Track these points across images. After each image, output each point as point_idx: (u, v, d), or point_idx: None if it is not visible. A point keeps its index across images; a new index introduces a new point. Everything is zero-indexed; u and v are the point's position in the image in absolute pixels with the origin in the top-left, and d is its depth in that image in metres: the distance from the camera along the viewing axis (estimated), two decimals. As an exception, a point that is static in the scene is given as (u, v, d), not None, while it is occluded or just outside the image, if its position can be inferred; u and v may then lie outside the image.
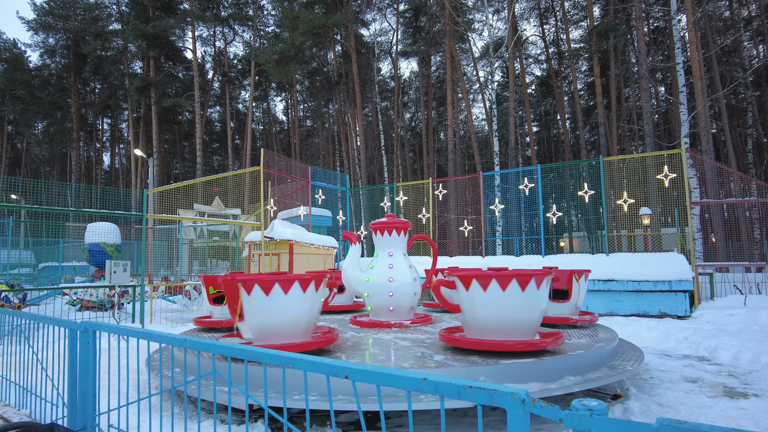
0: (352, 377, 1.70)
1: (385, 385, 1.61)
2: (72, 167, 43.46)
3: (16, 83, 40.94)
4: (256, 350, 2.02)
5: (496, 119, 20.44)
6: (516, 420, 1.35)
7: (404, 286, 6.22)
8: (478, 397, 1.42)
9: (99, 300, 11.06)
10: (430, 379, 1.50)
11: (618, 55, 26.42)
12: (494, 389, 1.38)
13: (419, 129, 41.85)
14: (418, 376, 1.53)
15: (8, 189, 17.30)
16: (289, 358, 1.89)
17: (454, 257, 13.66)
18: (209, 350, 2.24)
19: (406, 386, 1.56)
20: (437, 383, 1.49)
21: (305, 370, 1.84)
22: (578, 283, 5.75)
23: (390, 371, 1.60)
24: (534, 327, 4.42)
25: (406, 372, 1.57)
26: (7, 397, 4.00)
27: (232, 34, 40.77)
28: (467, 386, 1.43)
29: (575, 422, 1.22)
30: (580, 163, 14.93)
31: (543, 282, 4.28)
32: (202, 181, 14.18)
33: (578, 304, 5.77)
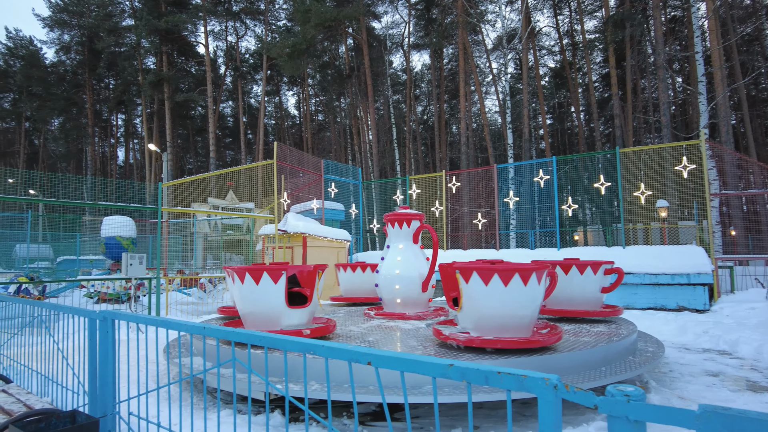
0: (375, 363, 1.67)
1: (409, 371, 1.58)
2: (87, 162, 44.04)
3: (33, 80, 41.49)
4: (277, 337, 2.00)
5: (510, 111, 20.22)
6: (547, 406, 1.31)
7: (410, 279, 6.21)
8: (507, 383, 1.38)
9: (115, 292, 11.20)
10: (456, 365, 1.46)
11: (634, 46, 25.94)
12: (524, 374, 1.35)
13: (431, 122, 41.62)
14: (443, 362, 1.49)
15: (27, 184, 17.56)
16: (310, 344, 1.86)
17: (468, 250, 13.58)
18: (228, 338, 2.23)
19: (432, 372, 1.52)
20: (464, 369, 1.45)
21: (326, 357, 1.82)
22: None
23: (415, 357, 1.57)
24: (527, 323, 4.30)
25: (432, 358, 1.53)
26: (29, 385, 4.06)
27: (243, 28, 40.85)
28: (495, 372, 1.40)
29: (611, 408, 1.18)
30: (596, 155, 14.71)
31: (533, 277, 4.13)
32: (216, 174, 14.25)
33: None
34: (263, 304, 4.75)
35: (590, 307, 5.66)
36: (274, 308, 4.74)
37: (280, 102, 47.19)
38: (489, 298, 4.20)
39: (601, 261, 5.65)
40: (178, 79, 38.05)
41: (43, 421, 2.55)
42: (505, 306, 4.18)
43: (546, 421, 1.32)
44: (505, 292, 4.11)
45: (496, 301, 4.18)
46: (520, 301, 4.14)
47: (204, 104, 37.47)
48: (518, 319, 4.22)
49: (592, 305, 5.68)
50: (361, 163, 33.40)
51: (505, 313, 4.21)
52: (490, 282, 4.15)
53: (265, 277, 4.69)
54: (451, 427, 4.08)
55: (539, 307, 4.34)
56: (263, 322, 4.84)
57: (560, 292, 5.69)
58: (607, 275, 5.66)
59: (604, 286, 5.65)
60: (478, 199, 17.07)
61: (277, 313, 4.79)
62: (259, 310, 4.81)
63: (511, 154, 19.60)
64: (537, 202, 16.27)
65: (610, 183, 12.06)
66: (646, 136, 30.06)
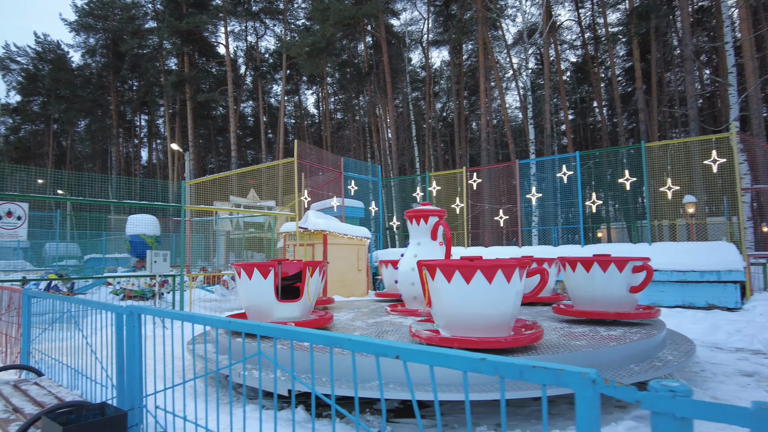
0: (404, 357, 1.63)
1: (439, 365, 1.54)
2: (112, 162, 45.03)
3: (60, 83, 42.57)
4: (302, 331, 1.99)
5: (531, 106, 19.94)
6: (585, 402, 1.26)
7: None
8: (542, 377, 1.33)
9: (140, 289, 11.41)
10: (489, 359, 1.42)
11: (659, 38, 25.29)
12: (560, 369, 1.29)
13: (450, 119, 41.36)
14: (475, 356, 1.45)
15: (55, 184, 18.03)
16: (337, 338, 1.84)
17: (489, 248, 13.45)
18: (254, 332, 2.22)
19: (462, 366, 1.48)
20: (497, 363, 1.41)
21: (353, 351, 1.79)
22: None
23: (445, 351, 1.53)
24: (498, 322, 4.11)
25: (462, 352, 1.49)
26: (60, 378, 4.14)
27: (263, 28, 41.18)
28: (530, 366, 1.35)
29: (655, 404, 1.12)
30: (621, 150, 14.40)
31: (499, 274, 3.93)
32: (238, 173, 14.40)
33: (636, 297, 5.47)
34: (257, 298, 5.07)
35: (619, 308, 5.31)
36: (265, 301, 5.05)
37: (299, 101, 47.48)
38: (452, 296, 4.09)
39: (629, 257, 5.32)
40: (199, 80, 38.58)
41: (73, 413, 2.59)
42: (470, 304, 4.03)
43: (584, 418, 1.26)
44: (468, 290, 3.96)
45: (459, 299, 4.05)
46: (484, 300, 3.97)
47: (225, 104, 37.93)
48: (485, 318, 4.05)
49: (620, 306, 5.32)
50: (380, 161, 33.39)
51: (470, 311, 4.06)
52: (453, 279, 4.02)
53: (255, 273, 5.02)
54: (475, 424, 4.03)
55: (513, 306, 4.10)
56: (258, 315, 5.16)
57: (581, 292, 5.43)
58: (636, 273, 5.26)
59: (632, 285, 5.28)
60: (499, 195, 16.89)
61: (269, 306, 5.07)
62: (254, 304, 5.14)
63: (533, 149, 19.31)
64: (559, 198, 16.01)
65: (636, 178, 11.77)
66: (672, 130, 29.34)
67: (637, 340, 4.46)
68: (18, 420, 2.83)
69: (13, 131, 46.43)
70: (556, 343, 4.41)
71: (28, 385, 3.52)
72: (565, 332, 4.90)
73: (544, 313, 6.21)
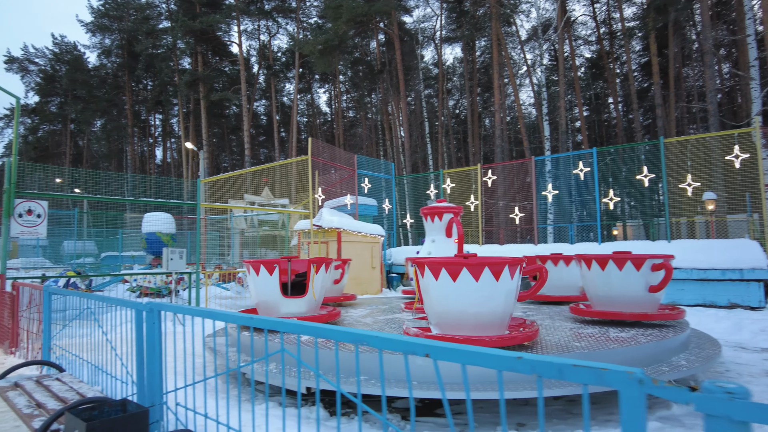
0: (434, 355, 1.58)
1: (471, 364, 1.49)
2: (127, 162, 45.57)
3: (77, 83, 43.16)
4: (327, 328, 1.95)
5: (546, 102, 19.70)
6: (630, 402, 1.20)
7: None
8: (583, 377, 1.27)
9: (157, 286, 11.51)
10: (525, 357, 1.37)
11: (678, 32, 24.83)
12: (603, 368, 1.24)
13: (463, 116, 41.14)
14: (511, 355, 1.40)
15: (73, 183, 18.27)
16: (364, 335, 1.80)
17: (504, 245, 13.33)
18: (276, 328, 2.19)
19: (497, 365, 1.43)
20: (534, 362, 1.35)
21: (380, 348, 1.75)
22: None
23: (479, 350, 1.48)
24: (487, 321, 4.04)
25: (498, 350, 1.44)
26: (80, 374, 4.17)
27: (275, 26, 41.32)
28: (570, 365, 1.29)
29: (710, 406, 1.06)
30: (639, 146, 14.16)
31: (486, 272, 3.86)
32: (253, 170, 14.46)
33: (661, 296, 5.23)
34: (264, 294, 5.28)
35: (639, 309, 5.06)
36: (272, 297, 5.24)
37: (312, 100, 47.59)
38: (439, 294, 4.06)
39: (647, 254, 5.05)
40: (212, 79, 38.86)
41: (96, 409, 2.58)
42: (457, 302, 3.99)
43: (629, 420, 1.21)
44: (455, 288, 3.93)
45: (446, 297, 4.02)
46: (471, 298, 3.92)
47: (238, 103, 38.16)
48: (473, 317, 3.99)
49: (640, 306, 5.06)
50: (393, 159, 33.33)
51: (457, 309, 4.02)
52: (440, 277, 3.99)
53: (262, 269, 5.21)
54: (494, 424, 3.98)
55: (504, 304, 4.02)
56: (266, 310, 5.35)
57: (598, 291, 5.24)
58: (655, 271, 4.98)
59: (651, 285, 5.01)
60: (513, 192, 16.73)
61: (275, 302, 5.26)
62: (262, 299, 5.35)
63: (548, 146, 19.08)
64: (574, 195, 15.81)
65: (654, 174, 11.57)
66: (689, 126, 28.83)
67: (645, 343, 4.26)
68: (41, 415, 2.84)
69: (32, 131, 47.21)
70: (552, 344, 4.30)
71: (50, 380, 3.54)
72: (570, 333, 4.77)
73: (563, 313, 6.11)
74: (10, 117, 47.63)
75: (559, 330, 4.95)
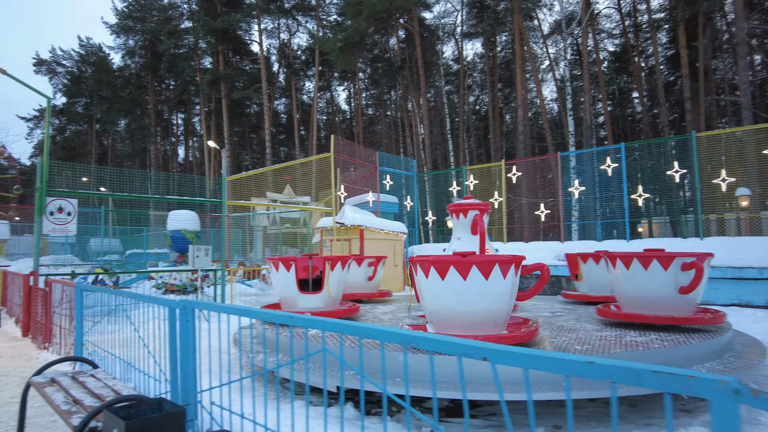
0: (492, 359, 1.49)
1: (535, 368, 1.40)
2: (151, 160, 46.35)
3: (102, 84, 44.07)
4: (372, 327, 1.87)
5: (570, 97, 19.33)
6: (724, 414, 1.09)
7: None
8: (667, 384, 1.17)
9: (182, 283, 11.63)
10: (597, 362, 1.27)
11: (708, 23, 24.09)
12: (691, 375, 1.13)
13: (483, 112, 40.73)
14: (580, 359, 1.30)
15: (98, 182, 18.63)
16: (412, 336, 1.72)
17: (530, 243, 13.11)
18: (317, 327, 2.13)
19: (565, 370, 1.33)
20: (608, 367, 1.25)
21: (431, 350, 1.67)
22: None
23: (542, 353, 1.39)
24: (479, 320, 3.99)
25: (565, 354, 1.35)
26: (113, 371, 4.19)
27: (295, 25, 41.49)
28: (650, 371, 1.19)
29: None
30: (669, 141, 13.78)
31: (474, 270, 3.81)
32: (275, 168, 14.53)
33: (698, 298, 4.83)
34: (283, 289, 5.60)
35: (671, 311, 4.68)
36: (290, 293, 5.55)
37: (331, 98, 47.69)
38: (430, 292, 4.08)
39: (676, 252, 4.66)
40: (233, 78, 39.22)
41: (133, 408, 2.57)
42: (447, 300, 3.99)
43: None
44: (443, 286, 3.93)
45: (436, 295, 4.04)
46: (460, 296, 3.89)
47: (258, 101, 38.45)
48: (463, 316, 3.96)
49: (672, 308, 4.68)
50: (413, 156, 33.19)
51: (447, 308, 4.02)
52: (430, 275, 3.99)
53: (281, 266, 5.53)
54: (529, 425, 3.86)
55: (497, 303, 3.95)
56: (286, 305, 5.66)
57: (623, 293, 4.95)
58: (685, 271, 4.58)
59: (681, 286, 4.61)
60: (536, 189, 16.46)
61: (293, 297, 5.56)
62: (282, 295, 5.66)
63: (572, 142, 18.71)
64: (599, 192, 15.46)
65: (685, 170, 11.23)
66: (719, 120, 28.00)
67: (658, 348, 4.00)
68: (78, 412, 2.84)
69: (60, 131, 48.37)
70: (550, 346, 4.15)
71: (85, 377, 3.55)
72: (581, 335, 4.58)
73: (589, 315, 5.87)
74: (39, 118, 48.89)
75: (572, 331, 4.77)
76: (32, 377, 3.54)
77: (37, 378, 3.52)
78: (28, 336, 7.77)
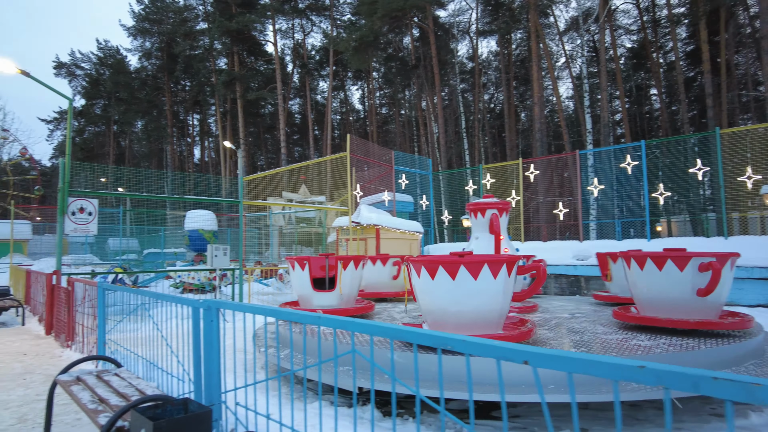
0: (534, 363, 1.44)
1: (580, 372, 1.34)
2: (167, 161, 46.90)
3: (120, 86, 44.73)
4: (405, 329, 1.83)
5: (588, 95, 19.06)
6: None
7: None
8: (727, 392, 1.11)
9: (200, 283, 11.72)
10: (649, 366, 1.21)
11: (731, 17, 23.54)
12: (755, 383, 1.07)
13: (497, 110, 40.42)
14: (630, 363, 1.24)
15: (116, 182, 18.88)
16: (448, 338, 1.67)
17: (548, 242, 12.96)
18: (346, 328, 2.10)
19: (612, 374, 1.28)
20: (661, 372, 1.19)
21: (467, 353, 1.62)
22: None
23: (589, 357, 1.33)
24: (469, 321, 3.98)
25: (612, 358, 1.29)
26: (135, 370, 4.21)
27: (310, 25, 41.63)
28: (710, 377, 1.13)
29: None
30: (691, 137, 13.50)
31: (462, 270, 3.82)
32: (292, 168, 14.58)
33: (721, 300, 4.53)
34: (300, 287, 5.90)
35: (692, 315, 4.40)
36: (305, 291, 5.84)
37: (345, 98, 47.76)
38: (421, 291, 4.15)
39: (693, 252, 4.37)
40: (248, 78, 39.48)
41: (159, 408, 2.56)
42: (436, 300, 4.03)
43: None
44: (433, 286, 3.98)
45: (426, 294, 4.10)
46: (450, 296, 3.92)
47: (273, 102, 38.66)
48: (453, 315, 3.97)
49: (692, 312, 4.40)
50: (427, 155, 33.07)
51: (438, 307, 4.06)
52: (421, 275, 4.05)
53: (296, 265, 5.85)
54: (556, 428, 3.81)
55: (487, 303, 3.93)
56: (303, 302, 5.94)
57: (639, 295, 4.76)
58: (703, 272, 4.29)
59: (699, 288, 4.31)
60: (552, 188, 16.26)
61: (308, 295, 5.83)
62: (299, 293, 5.96)
63: (590, 140, 18.43)
64: (618, 190, 15.21)
65: (709, 167, 10.99)
66: (741, 116, 27.40)
67: (659, 353, 3.83)
68: (105, 411, 2.84)
69: (79, 133, 49.20)
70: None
71: (110, 376, 3.57)
72: (585, 338, 4.45)
73: (609, 317, 5.65)
74: (59, 120, 49.79)
75: (577, 333, 4.66)
76: (58, 375, 3.57)
77: (63, 376, 3.55)
78: (51, 334, 7.89)
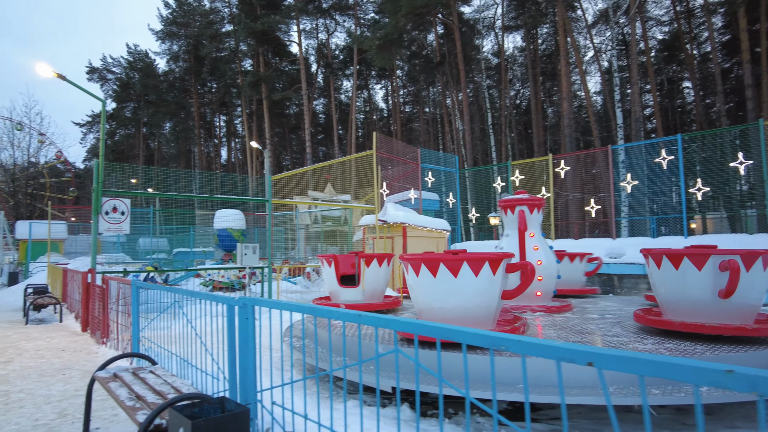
0: (599, 364, 1.33)
1: (655, 375, 1.23)
2: (195, 162, 47.78)
3: (149, 89, 45.78)
4: (453, 328, 1.74)
5: (618, 89, 18.55)
6: None
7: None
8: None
9: (230, 281, 11.84)
10: (738, 371, 1.09)
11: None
12: None
13: (523, 106, 39.81)
14: (715, 368, 1.12)
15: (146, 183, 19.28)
16: (502, 338, 1.57)
17: (579, 240, 12.66)
18: (389, 327, 2.02)
19: (695, 379, 1.16)
20: (753, 377, 1.07)
21: (523, 354, 1.52)
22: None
23: (665, 359, 1.22)
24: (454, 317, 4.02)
25: (694, 361, 1.17)
26: (169, 367, 4.23)
27: (333, 24, 41.77)
28: (814, 385, 1.01)
29: None
30: (732, 130, 12.99)
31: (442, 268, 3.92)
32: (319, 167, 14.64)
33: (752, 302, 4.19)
34: (329, 284, 6.40)
35: (720, 319, 4.05)
36: (333, 286, 6.32)
37: (369, 96, 47.78)
38: (410, 287, 4.33)
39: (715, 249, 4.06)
40: (273, 79, 39.86)
41: (196, 406, 2.53)
42: (422, 296, 4.17)
43: None
44: (418, 282, 4.11)
45: (414, 290, 4.27)
46: (432, 293, 4.04)
47: (298, 102, 38.94)
48: (438, 312, 4.05)
49: (713, 315, 4.06)
50: (453, 152, 32.81)
51: (423, 302, 4.19)
52: (409, 271, 4.20)
53: (324, 263, 6.40)
54: (585, 429, 3.71)
55: (471, 301, 3.95)
56: (332, 297, 6.40)
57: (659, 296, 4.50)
58: (724, 271, 4.00)
59: (721, 289, 4.01)
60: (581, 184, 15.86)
61: (336, 290, 6.28)
62: (329, 288, 6.47)
63: (621, 135, 17.92)
64: (651, 186, 14.72)
65: (752, 161, 10.54)
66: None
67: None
68: (142, 408, 2.84)
69: (110, 135, 50.57)
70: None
71: (145, 373, 3.59)
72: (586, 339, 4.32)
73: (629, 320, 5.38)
74: (92, 123, 51.27)
75: (584, 334, 4.50)
76: (96, 372, 3.60)
77: (100, 373, 3.58)
78: (87, 331, 8.07)
